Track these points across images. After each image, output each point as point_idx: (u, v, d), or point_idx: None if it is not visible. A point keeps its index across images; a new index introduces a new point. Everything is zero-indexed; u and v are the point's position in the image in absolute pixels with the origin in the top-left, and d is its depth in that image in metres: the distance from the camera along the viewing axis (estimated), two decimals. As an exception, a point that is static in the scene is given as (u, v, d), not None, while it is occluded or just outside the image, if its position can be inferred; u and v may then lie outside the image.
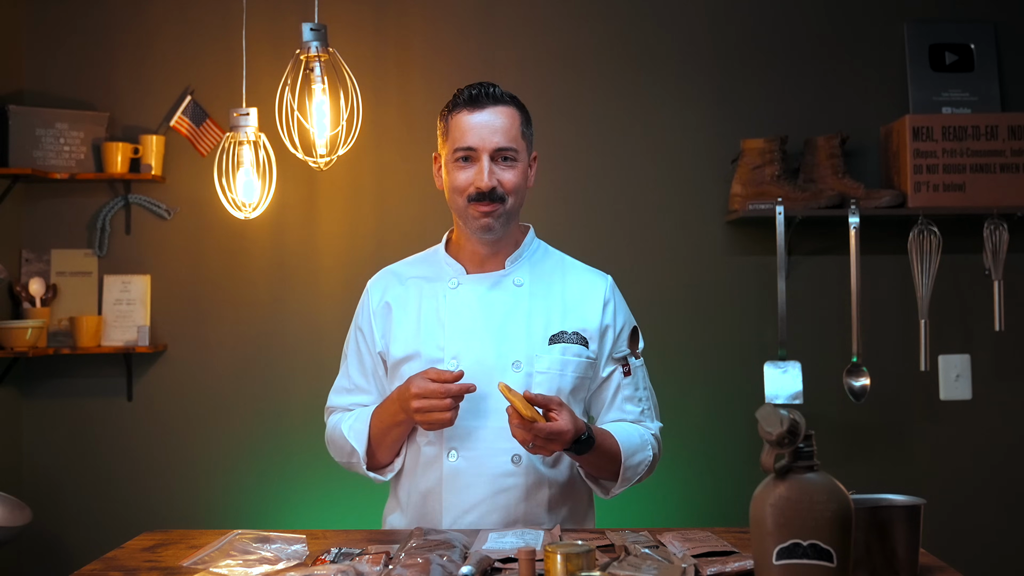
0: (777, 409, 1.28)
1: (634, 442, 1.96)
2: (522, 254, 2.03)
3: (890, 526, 1.44)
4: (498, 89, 1.96)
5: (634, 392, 2.04)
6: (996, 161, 2.96)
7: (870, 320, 3.09)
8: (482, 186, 1.90)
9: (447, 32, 3.17)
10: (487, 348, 1.94)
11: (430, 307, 2.00)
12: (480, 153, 1.91)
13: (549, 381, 1.94)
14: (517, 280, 2.00)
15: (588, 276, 2.07)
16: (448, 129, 1.96)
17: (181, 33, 3.17)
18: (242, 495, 3.14)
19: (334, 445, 2.06)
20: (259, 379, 3.15)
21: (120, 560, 1.68)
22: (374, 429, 1.96)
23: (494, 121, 1.92)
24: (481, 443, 1.92)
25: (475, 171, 1.91)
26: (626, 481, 1.96)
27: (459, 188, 1.93)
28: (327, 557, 1.62)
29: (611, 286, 2.06)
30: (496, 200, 1.91)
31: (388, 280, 2.09)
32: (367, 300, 2.09)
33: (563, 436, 1.79)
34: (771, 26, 3.18)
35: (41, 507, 3.04)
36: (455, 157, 1.93)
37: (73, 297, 3.12)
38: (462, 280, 2.00)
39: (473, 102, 1.93)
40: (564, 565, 1.40)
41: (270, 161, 3.01)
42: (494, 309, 1.97)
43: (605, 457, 1.92)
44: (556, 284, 2.02)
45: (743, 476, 3.01)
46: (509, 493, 1.92)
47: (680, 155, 3.16)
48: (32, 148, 3.04)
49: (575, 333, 1.98)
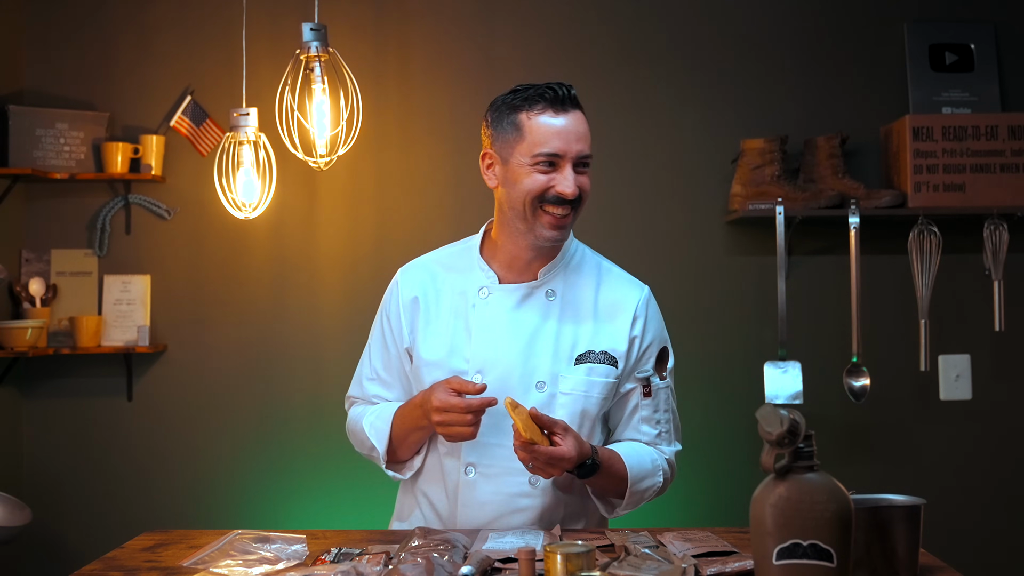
0: (777, 409, 1.28)
1: (644, 467, 1.91)
2: (557, 264, 1.94)
3: (890, 526, 1.44)
4: (575, 91, 1.89)
5: (652, 414, 1.97)
6: (996, 161, 2.96)
7: (870, 320, 3.09)
8: (568, 193, 1.82)
9: (447, 32, 3.17)
10: (512, 365, 1.88)
11: (459, 313, 1.94)
12: (565, 159, 1.84)
13: (573, 403, 1.89)
14: (549, 292, 1.93)
15: (623, 288, 1.99)
16: (522, 129, 1.85)
17: (181, 33, 3.17)
18: (242, 495, 3.14)
19: (354, 437, 2.03)
20: (259, 379, 3.15)
21: (120, 560, 1.68)
22: (396, 430, 1.92)
23: (579, 127, 1.85)
24: (499, 461, 1.87)
25: (559, 177, 1.83)
26: (632, 504, 1.92)
27: (535, 191, 1.84)
28: (327, 557, 1.62)
29: (645, 300, 1.98)
30: (572, 206, 1.86)
31: (419, 274, 2.00)
32: (396, 290, 2.01)
33: (564, 463, 1.75)
34: (771, 26, 3.17)
35: (41, 507, 3.04)
36: (535, 160, 1.83)
37: (73, 297, 3.12)
38: (493, 290, 1.93)
39: (559, 104, 1.85)
40: (564, 565, 1.39)
41: (270, 161, 3.01)
42: (522, 324, 1.91)
43: (611, 480, 1.87)
44: (588, 295, 1.95)
45: (743, 476, 3.01)
46: (524, 513, 1.88)
47: (680, 155, 3.16)
48: (32, 148, 3.03)
49: (603, 352, 1.91)
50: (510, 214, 1.89)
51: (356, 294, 3.12)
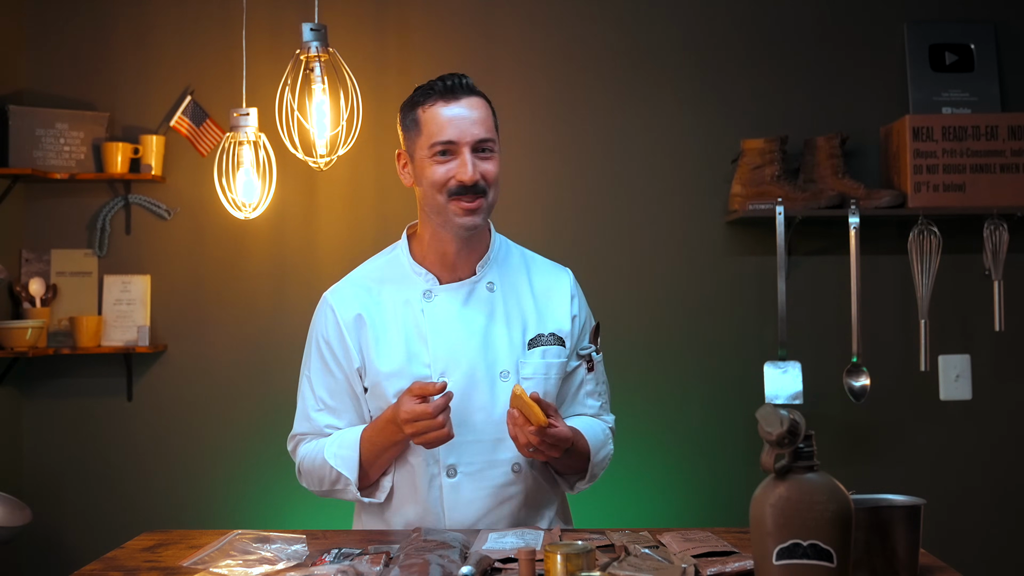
0: (777, 409, 1.28)
1: (599, 438, 1.98)
2: (489, 256, 1.97)
3: (890, 526, 1.44)
4: (469, 80, 1.90)
5: (595, 387, 2.03)
6: (996, 161, 2.96)
7: (870, 320, 3.09)
8: (466, 179, 1.84)
9: (447, 32, 3.17)
10: (474, 361, 1.90)
11: (408, 320, 1.92)
12: (460, 146, 1.85)
13: (535, 386, 1.90)
14: (489, 284, 1.95)
15: (552, 272, 2.04)
16: (420, 123, 1.88)
17: (181, 33, 3.17)
18: (242, 495, 3.14)
19: (312, 475, 1.95)
20: (259, 379, 3.15)
21: (120, 560, 1.68)
22: (366, 453, 1.88)
23: (472, 113, 1.86)
24: (480, 456, 1.89)
25: (457, 164, 1.85)
26: (593, 477, 1.97)
27: (438, 183, 1.86)
28: (327, 557, 1.62)
29: (573, 281, 2.05)
30: (479, 193, 1.86)
31: (353, 291, 1.98)
32: (332, 314, 1.96)
33: (564, 443, 1.79)
34: (771, 26, 3.17)
35: (41, 507, 3.03)
36: (432, 152, 1.86)
37: (73, 297, 3.12)
38: (436, 291, 1.93)
39: (449, 93, 1.86)
40: (564, 565, 1.39)
41: (270, 161, 3.01)
42: (474, 320, 1.92)
43: (578, 457, 1.91)
44: (523, 284, 1.99)
45: (743, 476, 3.01)
46: (512, 501, 1.91)
47: (680, 155, 3.16)
48: (32, 148, 3.04)
49: (552, 335, 1.96)
50: (427, 210, 1.93)
51: (356, 294, 3.11)
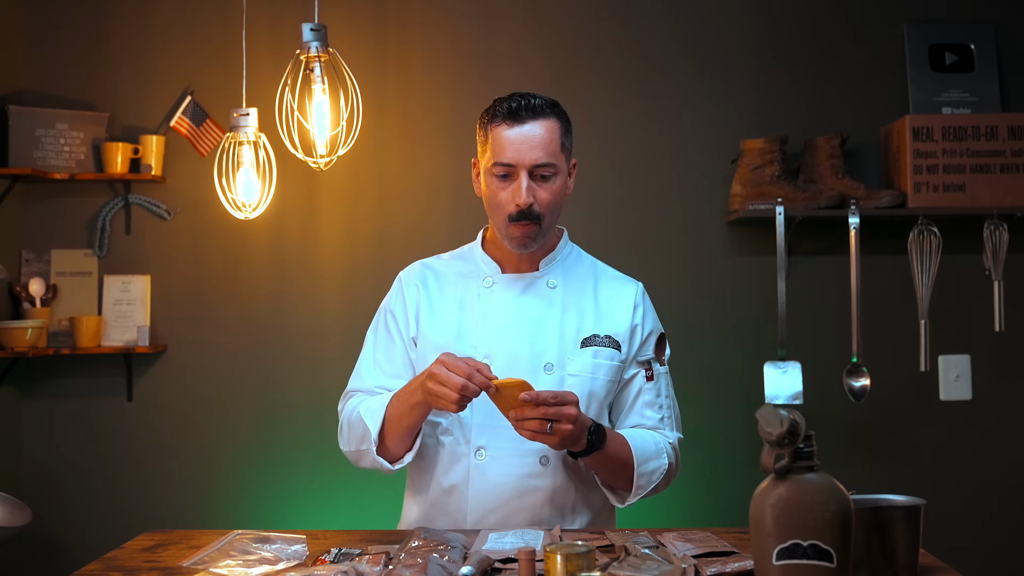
0: (777, 409, 1.28)
1: (648, 449, 1.92)
2: (556, 257, 2.02)
3: (890, 526, 1.45)
4: (539, 100, 1.91)
5: (655, 398, 2.01)
6: (996, 161, 2.96)
7: (870, 320, 3.09)
8: (520, 203, 1.88)
9: (448, 32, 3.17)
10: (520, 349, 1.94)
11: (466, 303, 2.00)
12: (519, 169, 1.89)
13: (581, 384, 1.92)
14: (551, 282, 2.00)
15: (620, 282, 2.07)
16: (488, 140, 1.93)
17: (181, 33, 3.17)
18: (242, 495, 3.14)
19: (349, 431, 1.97)
20: (259, 379, 3.15)
21: (120, 560, 1.68)
22: (390, 411, 1.89)
23: (533, 136, 1.88)
24: (509, 443, 1.89)
25: (513, 188, 1.89)
26: (640, 489, 1.91)
27: (498, 205, 1.92)
28: (327, 557, 1.62)
29: (642, 292, 2.07)
30: (532, 219, 1.90)
31: (423, 272, 2.07)
32: (400, 286, 2.06)
33: (571, 408, 1.74)
34: (771, 26, 3.17)
35: (41, 507, 3.04)
36: (494, 172, 1.91)
37: (73, 297, 3.12)
38: (497, 279, 2.00)
39: (513, 115, 1.89)
40: (564, 565, 1.40)
41: (270, 161, 3.01)
42: (528, 310, 1.97)
43: (616, 461, 1.89)
44: (588, 288, 2.02)
45: (743, 476, 3.01)
46: (536, 494, 1.91)
47: (680, 155, 3.16)
48: (32, 148, 3.04)
49: (607, 337, 1.98)
50: (491, 221, 2.01)
51: (356, 294, 3.12)
